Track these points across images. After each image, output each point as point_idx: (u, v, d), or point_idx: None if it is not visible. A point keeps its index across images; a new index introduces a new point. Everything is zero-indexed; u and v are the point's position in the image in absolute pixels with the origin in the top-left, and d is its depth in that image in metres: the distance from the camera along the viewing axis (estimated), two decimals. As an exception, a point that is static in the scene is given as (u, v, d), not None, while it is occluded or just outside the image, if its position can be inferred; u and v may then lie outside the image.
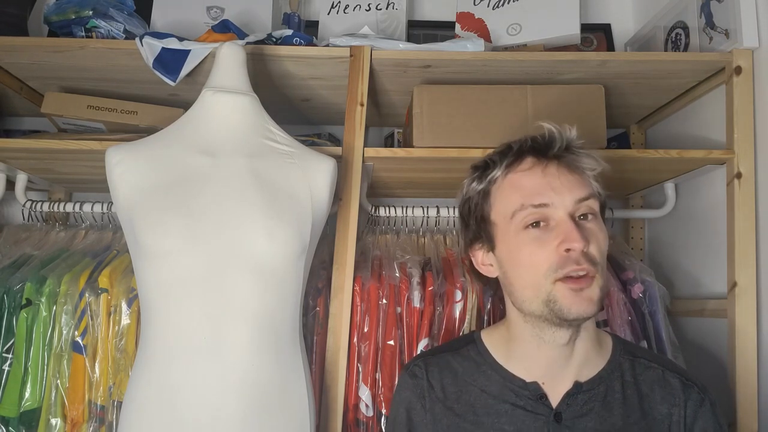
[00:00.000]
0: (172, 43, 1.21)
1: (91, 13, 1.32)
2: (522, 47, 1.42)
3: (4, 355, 1.16)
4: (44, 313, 1.16)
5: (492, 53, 1.24)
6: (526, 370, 0.87)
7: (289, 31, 1.29)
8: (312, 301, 1.20)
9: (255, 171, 1.01)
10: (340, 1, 1.56)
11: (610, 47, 1.64)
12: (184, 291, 0.93)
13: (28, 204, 1.37)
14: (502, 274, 0.88)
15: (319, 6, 1.58)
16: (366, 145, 1.20)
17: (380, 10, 1.53)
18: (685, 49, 1.33)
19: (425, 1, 1.71)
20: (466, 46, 1.24)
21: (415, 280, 1.19)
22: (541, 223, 0.81)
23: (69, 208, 1.37)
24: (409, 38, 1.56)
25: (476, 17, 1.48)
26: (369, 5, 1.54)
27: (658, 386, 0.87)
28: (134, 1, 1.37)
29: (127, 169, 0.99)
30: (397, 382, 0.98)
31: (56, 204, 1.38)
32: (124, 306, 1.16)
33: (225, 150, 1.03)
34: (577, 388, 0.85)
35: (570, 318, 0.79)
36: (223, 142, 1.03)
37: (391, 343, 1.15)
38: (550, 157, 0.83)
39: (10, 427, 1.14)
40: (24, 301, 1.16)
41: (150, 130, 1.18)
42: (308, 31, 1.52)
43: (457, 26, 1.49)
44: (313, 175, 1.05)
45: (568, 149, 0.84)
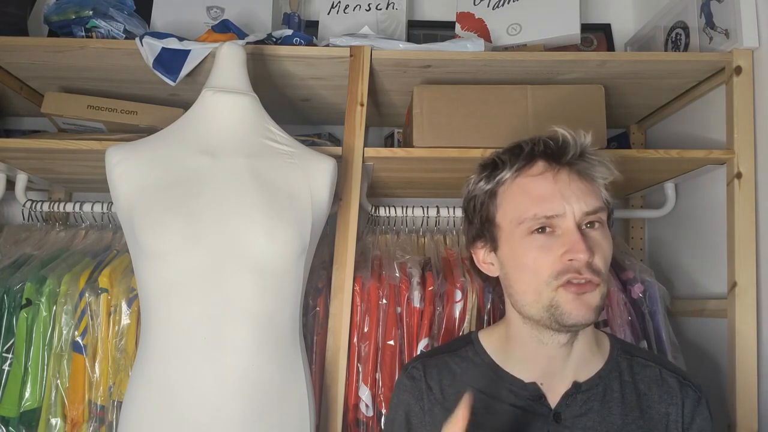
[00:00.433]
0: (172, 43, 1.21)
1: (91, 13, 1.32)
2: (522, 47, 1.42)
3: (4, 355, 1.16)
4: (44, 313, 1.16)
5: (492, 53, 1.24)
6: (524, 370, 0.87)
7: (289, 31, 1.29)
8: (312, 301, 1.20)
9: (255, 171, 1.01)
10: (340, 1, 1.56)
11: (610, 47, 1.64)
12: (184, 291, 0.93)
13: (28, 204, 1.37)
14: (503, 275, 0.87)
15: (319, 6, 1.58)
16: (366, 145, 1.20)
17: (380, 10, 1.53)
18: (685, 49, 1.33)
19: (425, 1, 1.71)
20: (466, 46, 1.24)
21: (415, 280, 1.19)
22: (547, 229, 0.80)
23: (69, 208, 1.37)
24: (409, 38, 1.56)
25: (476, 17, 1.48)
26: (369, 5, 1.54)
27: (656, 385, 0.87)
28: (134, 1, 1.37)
29: (127, 169, 0.99)
30: (395, 383, 0.97)
31: (56, 204, 1.38)
32: (124, 306, 1.16)
33: (225, 150, 1.03)
34: (576, 388, 0.85)
35: (569, 324, 0.79)
36: (223, 142, 1.03)
37: (391, 343, 1.15)
38: (563, 164, 0.81)
39: (10, 427, 1.14)
40: (24, 301, 1.16)
41: (150, 130, 1.18)
42: (308, 31, 1.52)
43: (457, 26, 1.49)
44: (313, 175, 1.05)
45: (582, 156, 0.83)
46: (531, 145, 0.84)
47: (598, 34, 1.65)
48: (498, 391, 0.87)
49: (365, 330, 1.16)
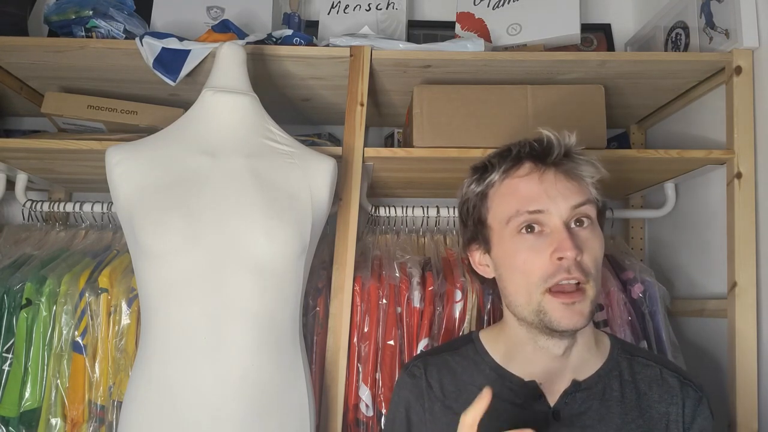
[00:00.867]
0: (172, 43, 1.21)
1: (91, 13, 1.32)
2: (522, 47, 1.42)
3: (4, 355, 1.16)
4: (44, 313, 1.16)
5: (492, 53, 1.24)
6: (523, 369, 0.88)
7: (289, 31, 1.29)
8: (312, 301, 1.20)
9: (255, 171, 1.01)
10: (340, 1, 1.56)
11: (610, 47, 1.64)
12: (184, 291, 0.93)
13: (28, 204, 1.37)
14: (498, 276, 0.88)
15: (319, 6, 1.58)
16: (366, 145, 1.20)
17: (380, 10, 1.53)
18: (685, 49, 1.33)
19: (425, 1, 1.71)
20: (466, 46, 1.24)
21: (415, 280, 1.19)
22: (536, 229, 0.81)
23: (69, 208, 1.37)
24: (409, 38, 1.56)
25: (476, 17, 1.48)
26: (369, 5, 1.54)
27: (656, 385, 0.87)
28: (134, 1, 1.37)
29: (127, 169, 0.99)
30: (396, 382, 0.98)
31: (56, 204, 1.38)
32: (124, 306, 1.16)
33: (225, 150, 1.03)
34: (575, 386, 0.85)
35: (560, 330, 0.80)
36: (223, 142, 1.03)
37: (391, 343, 1.15)
38: (548, 164, 0.83)
39: (10, 427, 1.14)
40: (24, 301, 1.16)
41: (150, 130, 1.18)
42: (308, 31, 1.52)
43: (457, 26, 1.49)
44: (313, 175, 1.05)
45: (568, 156, 0.84)
46: (519, 147, 0.85)
47: (598, 34, 1.65)
48: (497, 389, 0.87)
49: (365, 330, 1.16)
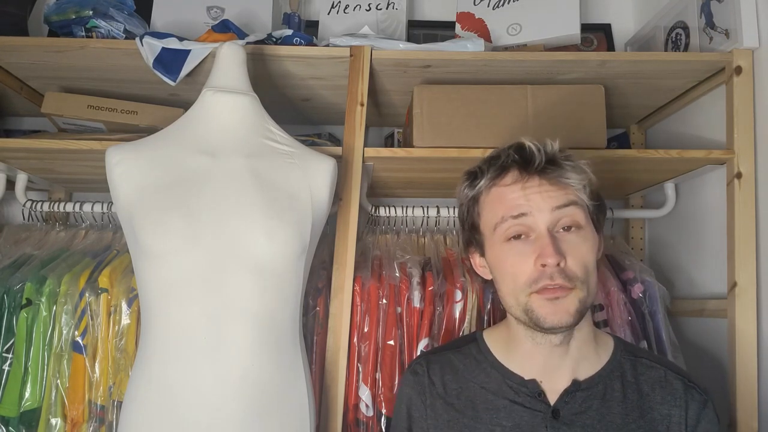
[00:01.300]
0: (172, 43, 1.21)
1: (91, 12, 1.32)
2: (522, 47, 1.42)
3: (4, 355, 1.16)
4: (44, 313, 1.16)
5: (492, 53, 1.24)
6: (524, 368, 0.88)
7: (289, 31, 1.29)
8: (312, 301, 1.20)
9: (255, 171, 1.01)
10: (340, 1, 1.56)
11: (610, 47, 1.64)
12: (184, 291, 0.93)
13: (28, 204, 1.37)
14: (493, 278, 0.91)
15: (319, 6, 1.58)
16: (366, 145, 1.20)
17: (380, 10, 1.53)
18: (685, 49, 1.33)
19: (425, 1, 1.71)
20: (466, 46, 1.24)
21: (415, 280, 1.19)
22: (522, 236, 0.83)
23: (69, 208, 1.37)
24: (409, 38, 1.56)
25: (476, 17, 1.48)
26: (369, 5, 1.54)
27: (660, 387, 0.87)
28: (134, 1, 1.37)
29: (127, 169, 0.99)
30: (400, 381, 0.99)
31: (56, 204, 1.38)
32: (124, 306, 1.16)
33: (225, 150, 1.03)
34: (576, 386, 0.86)
35: (546, 327, 0.81)
36: (223, 142, 1.03)
37: (391, 343, 1.15)
38: (532, 172, 0.84)
39: (10, 427, 1.14)
40: (24, 301, 1.16)
41: (150, 130, 1.18)
42: (308, 31, 1.52)
43: (457, 26, 1.49)
44: (313, 175, 1.05)
45: (553, 163, 0.84)
46: (506, 155, 0.87)
47: (598, 34, 1.65)
48: (498, 387, 0.89)
49: (365, 330, 1.16)
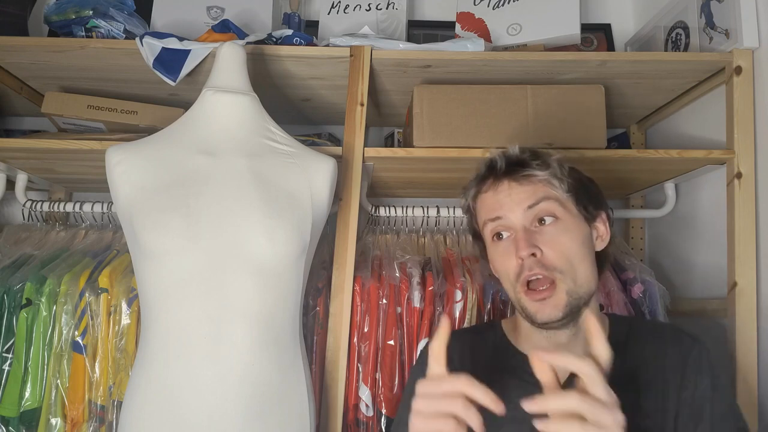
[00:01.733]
0: (172, 43, 1.21)
1: (91, 12, 1.32)
2: (522, 47, 1.42)
3: (4, 354, 1.16)
4: (44, 313, 1.16)
5: (492, 53, 1.24)
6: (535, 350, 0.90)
7: (289, 31, 1.29)
8: (312, 301, 1.20)
9: (255, 171, 1.01)
10: (340, 1, 1.56)
11: (610, 47, 1.64)
12: (185, 291, 0.93)
13: (28, 204, 1.37)
14: None
15: (319, 6, 1.58)
16: (366, 145, 1.20)
17: (380, 10, 1.53)
18: (686, 49, 1.33)
19: (425, 1, 1.72)
20: (466, 46, 1.24)
21: (415, 280, 1.19)
22: (504, 235, 0.87)
23: (69, 208, 1.37)
24: (409, 38, 1.57)
25: (476, 17, 1.48)
26: (369, 5, 1.54)
27: (651, 341, 0.89)
28: (134, 1, 1.37)
29: (128, 169, 0.99)
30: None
31: (56, 204, 1.38)
32: (124, 306, 1.16)
33: (225, 150, 1.03)
34: None
35: (540, 323, 0.84)
36: (223, 141, 1.03)
37: (391, 343, 1.15)
38: (500, 176, 0.89)
39: (10, 427, 1.14)
40: (24, 301, 1.16)
41: (150, 130, 1.18)
42: (308, 31, 1.52)
43: (457, 26, 1.49)
44: (313, 175, 1.05)
45: (519, 163, 0.88)
46: (484, 164, 0.93)
47: (598, 34, 1.65)
48: (510, 366, 0.91)
49: (365, 330, 1.16)
